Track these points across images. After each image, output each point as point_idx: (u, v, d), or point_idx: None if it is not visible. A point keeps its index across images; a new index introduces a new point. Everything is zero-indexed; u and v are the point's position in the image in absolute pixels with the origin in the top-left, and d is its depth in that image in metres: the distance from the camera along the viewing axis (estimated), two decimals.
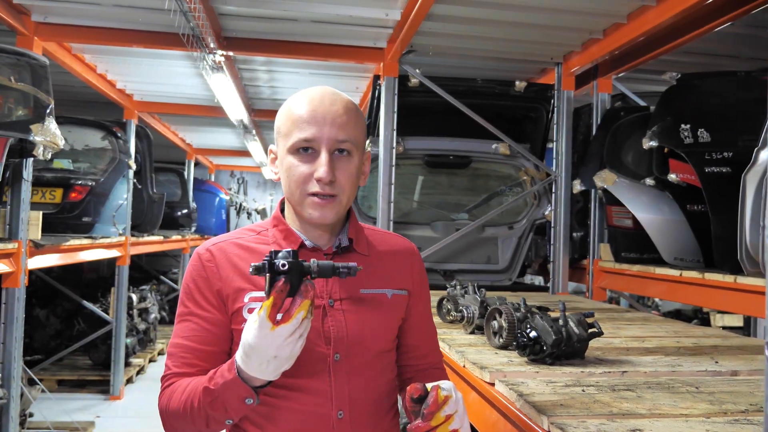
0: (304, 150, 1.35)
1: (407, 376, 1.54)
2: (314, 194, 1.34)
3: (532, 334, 2.01)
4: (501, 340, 2.23)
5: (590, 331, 2.06)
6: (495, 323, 2.29)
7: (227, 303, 1.36)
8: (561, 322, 2.01)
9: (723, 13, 3.35)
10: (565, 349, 2.00)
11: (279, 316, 1.15)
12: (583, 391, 1.71)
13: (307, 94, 1.39)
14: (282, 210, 1.48)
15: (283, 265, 1.14)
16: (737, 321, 7.02)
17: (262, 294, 1.32)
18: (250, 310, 1.34)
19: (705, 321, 7.17)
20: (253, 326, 1.16)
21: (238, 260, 1.38)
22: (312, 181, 1.34)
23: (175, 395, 1.30)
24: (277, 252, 1.17)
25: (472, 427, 2.07)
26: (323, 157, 1.33)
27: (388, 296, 1.44)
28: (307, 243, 1.41)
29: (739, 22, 3.58)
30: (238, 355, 1.20)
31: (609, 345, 2.38)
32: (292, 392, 1.32)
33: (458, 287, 2.94)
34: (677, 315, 7.46)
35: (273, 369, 1.18)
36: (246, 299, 1.35)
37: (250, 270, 1.16)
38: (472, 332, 2.59)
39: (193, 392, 1.26)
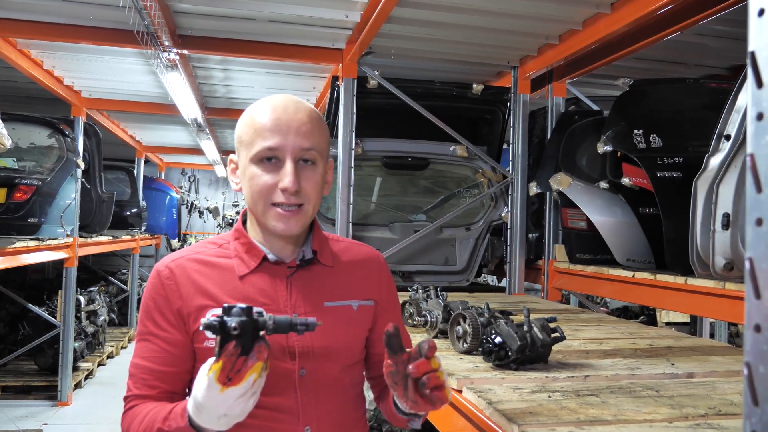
0: (268, 159, 1.31)
1: (381, 387, 1.50)
2: (278, 204, 1.31)
3: (497, 339, 2.04)
4: (465, 345, 2.25)
5: (553, 336, 2.10)
6: (459, 328, 2.31)
7: (188, 322, 1.32)
8: (525, 327, 2.05)
9: (672, 23, 3.46)
10: (530, 354, 2.04)
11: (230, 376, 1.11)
12: (549, 397, 1.74)
13: (270, 102, 1.35)
14: (244, 221, 1.45)
15: (234, 329, 1.08)
16: (683, 317, 7.28)
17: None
18: None
19: (651, 317, 7.41)
20: (202, 384, 1.11)
21: (199, 276, 1.35)
22: (276, 191, 1.30)
23: (134, 423, 1.27)
24: (230, 308, 1.11)
25: None
26: (288, 166, 1.30)
27: (353, 308, 1.41)
28: (269, 257, 1.38)
29: (687, 32, 3.71)
30: (190, 406, 1.16)
31: (569, 348, 2.44)
32: (257, 410, 1.27)
33: (420, 291, 2.95)
34: (625, 311, 7.68)
35: (225, 423, 1.14)
36: (208, 317, 1.31)
37: (201, 326, 1.10)
38: (435, 336, 2.60)
39: (150, 427, 1.23)
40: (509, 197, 4.55)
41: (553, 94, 4.50)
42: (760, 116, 0.80)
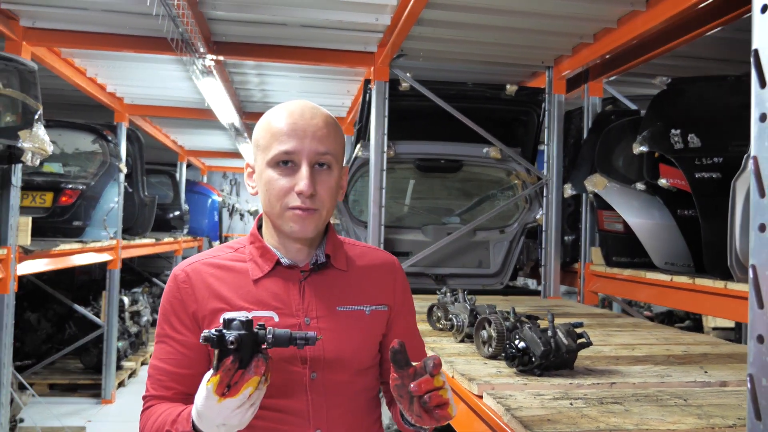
0: (284, 163, 1.33)
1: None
2: (294, 208, 1.33)
3: (521, 345, 2.01)
4: (490, 349, 2.22)
5: (579, 341, 2.06)
6: (484, 333, 2.28)
7: (203, 325, 1.34)
8: (550, 332, 2.01)
9: (713, 18, 3.35)
10: (554, 359, 2.00)
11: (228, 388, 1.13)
12: (571, 404, 1.70)
13: (287, 107, 1.38)
14: (260, 226, 1.46)
15: (232, 342, 1.10)
16: (729, 321, 7.04)
17: (237, 314, 1.31)
18: None
19: (697, 322, 7.18)
20: (201, 394, 1.14)
21: (214, 280, 1.37)
22: (292, 194, 1.32)
23: (148, 423, 1.30)
24: (231, 321, 1.13)
25: None
26: (304, 170, 1.32)
27: (366, 313, 1.42)
28: (283, 261, 1.39)
29: (729, 27, 3.59)
30: (193, 412, 1.19)
31: (599, 354, 2.38)
32: (268, 412, 1.30)
33: (448, 294, 2.93)
34: (669, 315, 7.46)
35: (225, 431, 1.17)
36: (222, 320, 1.34)
37: (201, 339, 1.12)
38: (462, 341, 2.58)
39: (160, 428, 1.26)
40: (544, 199, 4.48)
41: (589, 94, 4.41)
42: (763, 117, 0.77)
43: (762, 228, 0.74)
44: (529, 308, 3.54)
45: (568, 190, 4.28)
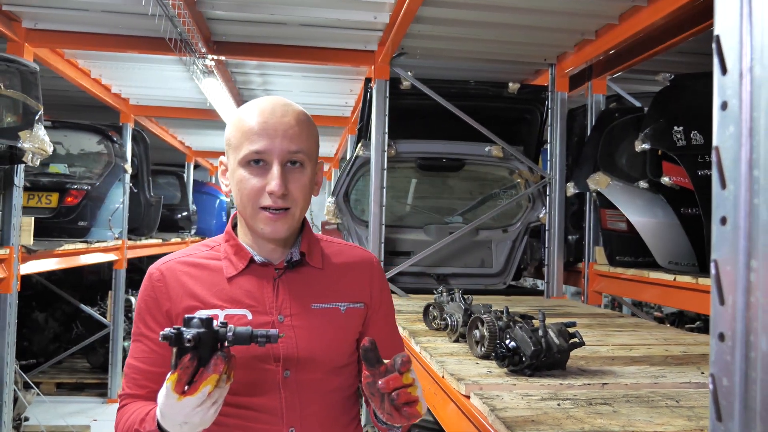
0: (255, 162, 1.31)
1: None
2: (266, 208, 1.31)
3: (511, 344, 1.98)
4: (483, 349, 2.19)
5: (571, 341, 2.02)
6: (477, 332, 2.25)
7: (176, 323, 1.33)
8: (540, 332, 1.97)
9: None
10: (545, 359, 1.96)
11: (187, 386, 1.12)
12: (558, 405, 1.67)
13: (258, 105, 1.35)
14: (235, 224, 1.45)
15: (189, 341, 1.09)
16: None
17: (212, 312, 1.29)
18: None
19: (707, 323, 7.08)
20: (162, 392, 1.14)
21: (187, 278, 1.36)
22: (264, 194, 1.30)
23: (121, 422, 1.30)
24: (190, 319, 1.13)
25: None
26: (275, 169, 1.30)
27: (341, 310, 1.40)
28: (256, 258, 1.38)
29: None
30: (157, 410, 1.18)
31: (595, 354, 2.34)
32: (241, 410, 1.30)
33: (445, 294, 2.90)
34: (680, 316, 7.37)
35: (187, 430, 1.15)
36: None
37: (160, 338, 1.11)
38: (457, 340, 2.55)
39: (130, 428, 1.26)
40: (547, 198, 4.43)
41: (593, 92, 4.36)
42: (724, 105, 0.74)
43: (723, 221, 0.71)
44: (530, 308, 3.50)
45: (571, 189, 4.24)
